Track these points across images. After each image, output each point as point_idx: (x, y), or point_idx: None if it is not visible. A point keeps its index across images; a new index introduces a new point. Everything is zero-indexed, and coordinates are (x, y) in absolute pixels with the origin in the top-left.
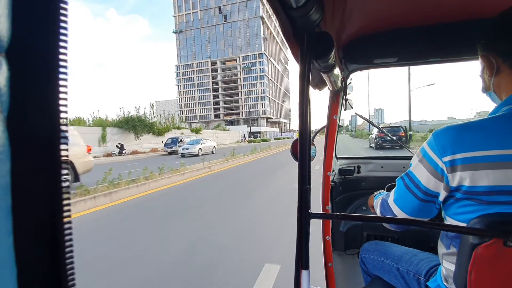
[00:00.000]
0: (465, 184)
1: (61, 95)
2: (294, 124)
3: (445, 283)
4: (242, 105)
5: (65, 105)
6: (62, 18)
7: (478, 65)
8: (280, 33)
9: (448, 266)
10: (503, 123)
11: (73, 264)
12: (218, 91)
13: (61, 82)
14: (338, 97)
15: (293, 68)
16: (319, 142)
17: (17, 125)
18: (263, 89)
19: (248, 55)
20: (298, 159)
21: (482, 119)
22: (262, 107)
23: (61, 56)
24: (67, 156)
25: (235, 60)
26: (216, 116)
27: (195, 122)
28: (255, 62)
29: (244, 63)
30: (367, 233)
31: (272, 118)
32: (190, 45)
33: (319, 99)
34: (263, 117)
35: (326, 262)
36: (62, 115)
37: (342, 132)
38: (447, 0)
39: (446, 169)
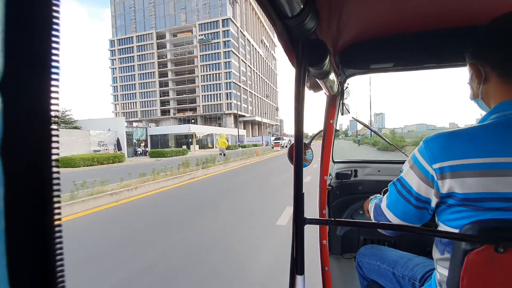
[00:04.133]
0: (455, 191)
1: (52, 101)
2: (286, 126)
3: None
4: (200, 96)
5: (56, 110)
6: (54, 33)
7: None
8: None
9: (442, 271)
10: (491, 132)
11: (63, 267)
12: (167, 76)
13: (53, 83)
14: (335, 102)
15: (283, 57)
16: (315, 149)
17: (9, 125)
18: (230, 72)
19: (208, 22)
20: (293, 163)
21: (471, 127)
22: (228, 99)
23: (53, 63)
24: (57, 159)
25: (190, 31)
26: (165, 112)
27: (137, 121)
28: (218, 32)
29: (202, 35)
30: (364, 237)
31: (245, 116)
32: (129, 11)
33: (318, 103)
34: (230, 114)
35: (322, 266)
36: (52, 119)
37: (341, 137)
38: (441, 8)
39: (436, 176)
